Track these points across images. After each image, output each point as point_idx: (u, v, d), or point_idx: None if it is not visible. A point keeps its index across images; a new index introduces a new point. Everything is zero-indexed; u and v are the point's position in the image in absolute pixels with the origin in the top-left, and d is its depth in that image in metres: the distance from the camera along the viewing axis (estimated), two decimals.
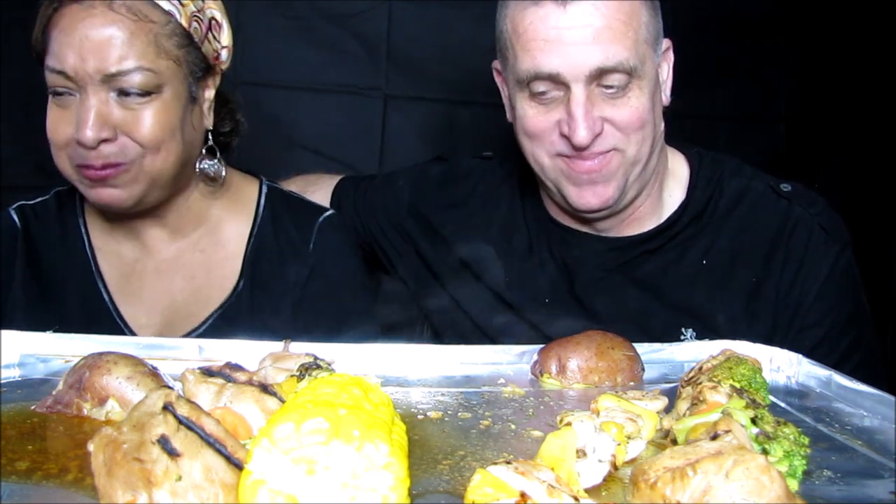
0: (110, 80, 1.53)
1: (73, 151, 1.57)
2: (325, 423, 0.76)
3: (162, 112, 1.58)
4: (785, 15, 3.25)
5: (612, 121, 1.62)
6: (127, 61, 1.52)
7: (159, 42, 1.57)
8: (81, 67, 1.51)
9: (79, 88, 1.54)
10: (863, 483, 0.93)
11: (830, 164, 3.19)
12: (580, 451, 0.90)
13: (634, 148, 1.66)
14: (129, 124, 1.55)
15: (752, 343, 1.43)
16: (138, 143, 1.57)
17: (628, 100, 1.62)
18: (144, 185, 1.62)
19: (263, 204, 1.85)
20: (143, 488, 0.72)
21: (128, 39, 1.53)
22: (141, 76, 1.54)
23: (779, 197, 1.79)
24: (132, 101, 1.55)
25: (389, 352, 1.41)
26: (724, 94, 3.21)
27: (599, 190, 1.68)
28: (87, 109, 1.52)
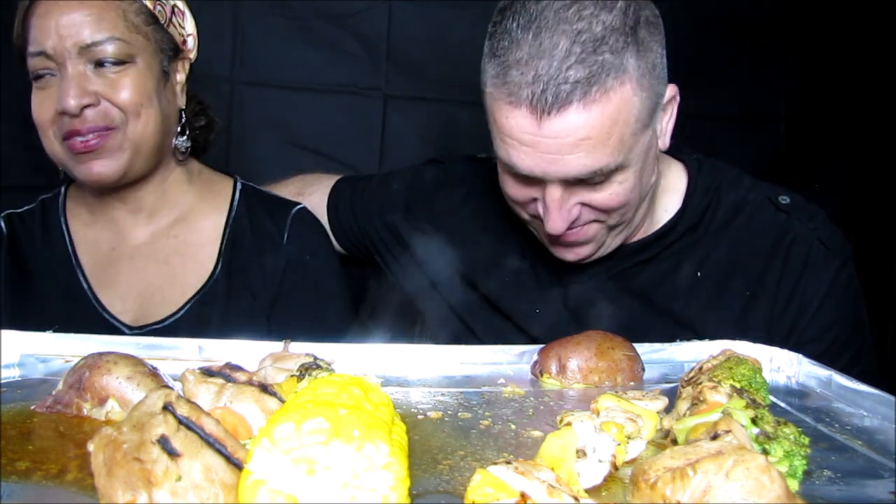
0: (87, 52, 1.64)
1: (58, 126, 1.66)
2: (325, 423, 0.76)
3: (137, 79, 1.69)
4: (785, 15, 3.25)
5: (590, 204, 1.55)
6: (99, 33, 1.64)
7: (128, 17, 1.69)
8: (59, 44, 1.62)
9: (58, 66, 1.64)
10: (863, 483, 0.93)
11: (830, 164, 3.19)
12: (580, 451, 0.90)
13: (615, 219, 1.62)
14: (108, 91, 1.66)
15: (752, 343, 1.43)
16: (118, 108, 1.67)
17: (610, 185, 1.53)
18: (129, 153, 1.70)
19: (238, 198, 1.92)
20: (143, 488, 0.72)
21: (99, 14, 1.65)
22: (114, 45, 1.65)
23: (777, 210, 1.75)
24: (108, 71, 1.66)
25: (389, 352, 1.41)
26: (724, 94, 3.20)
27: (577, 250, 1.66)
28: (67, 80, 1.63)
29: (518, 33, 1.45)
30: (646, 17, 1.51)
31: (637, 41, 1.46)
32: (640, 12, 1.50)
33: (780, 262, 1.71)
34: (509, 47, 1.46)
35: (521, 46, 1.44)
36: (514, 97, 1.45)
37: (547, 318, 1.80)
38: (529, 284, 1.85)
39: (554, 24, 1.43)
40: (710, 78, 3.17)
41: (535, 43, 1.43)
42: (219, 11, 2.67)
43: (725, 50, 3.20)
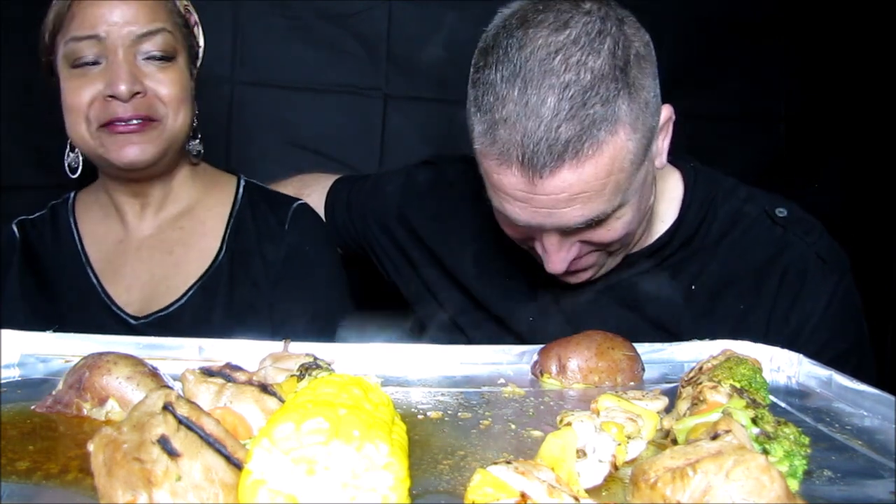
0: (139, 42, 1.70)
1: (99, 111, 1.70)
2: (325, 423, 0.76)
3: (179, 75, 1.77)
4: (785, 15, 3.25)
5: (590, 241, 1.54)
6: (155, 23, 1.71)
7: (173, 15, 1.78)
8: (114, 30, 1.68)
9: (107, 52, 1.68)
10: (863, 483, 0.93)
11: (830, 164, 3.19)
12: (580, 451, 0.90)
13: (616, 247, 1.62)
14: (154, 83, 1.72)
15: (752, 343, 1.43)
16: (162, 101, 1.73)
17: (608, 223, 1.52)
18: (164, 145, 1.76)
19: (241, 193, 1.97)
20: (143, 488, 0.72)
21: (155, 7, 1.73)
22: (164, 38, 1.73)
23: (773, 223, 1.73)
24: (155, 64, 1.72)
25: (389, 352, 1.41)
26: (724, 94, 3.20)
27: (578, 276, 1.67)
28: (119, 66, 1.67)
29: (503, 88, 1.40)
30: (636, 51, 1.45)
31: (628, 83, 1.41)
32: (629, 49, 1.44)
33: (777, 278, 1.68)
34: (494, 103, 1.41)
35: (507, 104, 1.39)
36: (504, 157, 1.41)
37: (541, 324, 1.79)
38: (524, 291, 1.84)
39: (539, 77, 1.37)
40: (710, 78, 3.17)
41: (522, 101, 1.38)
42: (219, 11, 2.67)
43: (725, 50, 3.20)
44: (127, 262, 1.87)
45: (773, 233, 1.72)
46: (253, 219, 1.92)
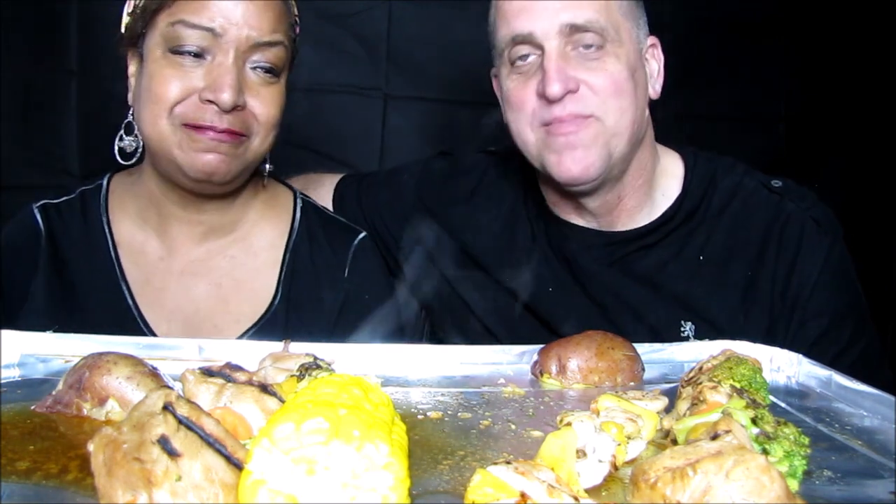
0: (254, 51, 1.57)
1: (190, 110, 1.55)
2: (325, 423, 0.76)
3: (281, 95, 1.65)
4: (785, 15, 3.25)
5: (587, 83, 1.67)
6: (276, 34, 1.59)
7: (290, 31, 1.67)
8: (233, 29, 1.54)
9: (216, 50, 1.54)
10: (863, 483, 0.93)
11: (830, 164, 3.20)
12: (580, 451, 0.90)
13: (613, 116, 1.69)
14: (255, 99, 1.59)
15: (752, 343, 1.43)
16: (257, 120, 1.60)
17: (604, 63, 1.68)
18: (243, 165, 1.63)
19: (299, 218, 1.82)
20: (143, 488, 0.72)
21: (279, 16, 1.61)
22: (278, 52, 1.60)
23: (770, 192, 1.83)
24: (260, 78, 1.60)
25: (389, 352, 1.41)
26: (724, 94, 3.21)
27: (579, 156, 1.69)
28: (228, 71, 1.54)
29: None
30: None
31: None
32: None
33: (775, 243, 1.77)
34: None
35: None
36: None
37: (560, 298, 1.85)
38: (541, 268, 1.89)
39: None
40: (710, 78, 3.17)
41: None
42: None
43: (725, 50, 3.20)
44: (168, 286, 1.69)
45: (771, 201, 1.81)
46: (311, 255, 1.77)
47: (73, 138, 2.84)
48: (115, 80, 2.90)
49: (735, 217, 1.81)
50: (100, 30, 2.89)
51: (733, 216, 1.81)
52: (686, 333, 1.77)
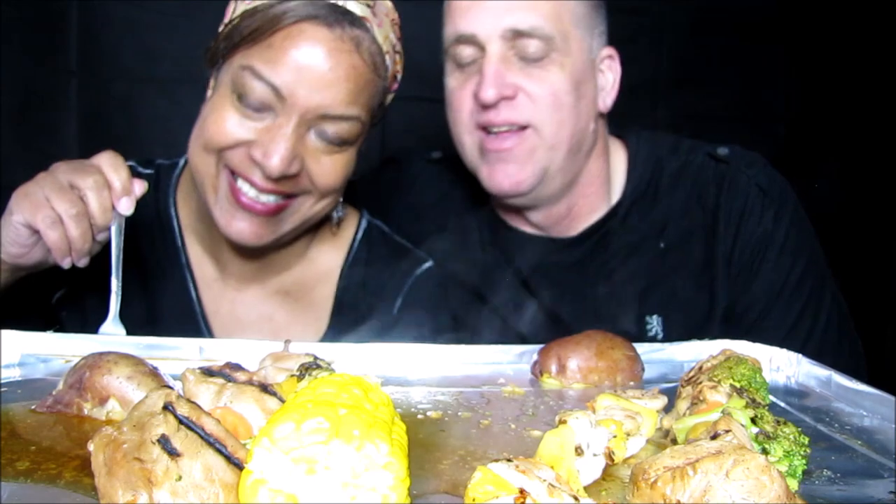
0: (322, 121, 1.43)
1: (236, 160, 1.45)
2: (325, 422, 0.76)
3: (348, 163, 1.52)
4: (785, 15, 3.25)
5: (525, 91, 1.62)
6: (352, 108, 1.43)
7: (375, 98, 1.51)
8: (302, 96, 1.39)
9: (280, 112, 1.41)
10: (863, 483, 0.93)
11: (830, 165, 3.20)
12: (578, 448, 0.90)
13: (550, 128, 1.64)
14: (315, 164, 1.46)
15: (751, 343, 1.43)
16: (313, 184, 1.48)
17: (546, 72, 1.62)
18: (288, 228, 1.53)
19: (360, 240, 1.73)
20: (143, 488, 0.72)
21: (362, 87, 1.43)
22: (353, 125, 1.45)
23: (717, 162, 1.80)
24: (324, 145, 1.46)
25: (389, 352, 1.41)
26: (724, 94, 3.21)
27: (511, 171, 1.65)
28: (284, 138, 1.40)
29: None
30: None
31: None
32: None
33: (724, 212, 1.75)
34: None
35: None
36: None
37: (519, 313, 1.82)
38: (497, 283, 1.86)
39: None
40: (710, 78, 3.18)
41: None
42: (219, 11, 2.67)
43: (725, 50, 3.21)
44: (219, 311, 1.64)
45: (718, 170, 1.79)
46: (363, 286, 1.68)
47: (72, 138, 2.85)
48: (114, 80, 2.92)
49: (688, 197, 1.78)
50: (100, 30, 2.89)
51: (685, 197, 1.78)
52: (654, 331, 1.74)
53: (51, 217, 1.29)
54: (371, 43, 1.46)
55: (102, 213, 1.33)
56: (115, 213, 1.36)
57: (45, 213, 1.29)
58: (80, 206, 1.31)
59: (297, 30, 1.39)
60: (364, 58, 1.44)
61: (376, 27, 1.48)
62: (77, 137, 2.84)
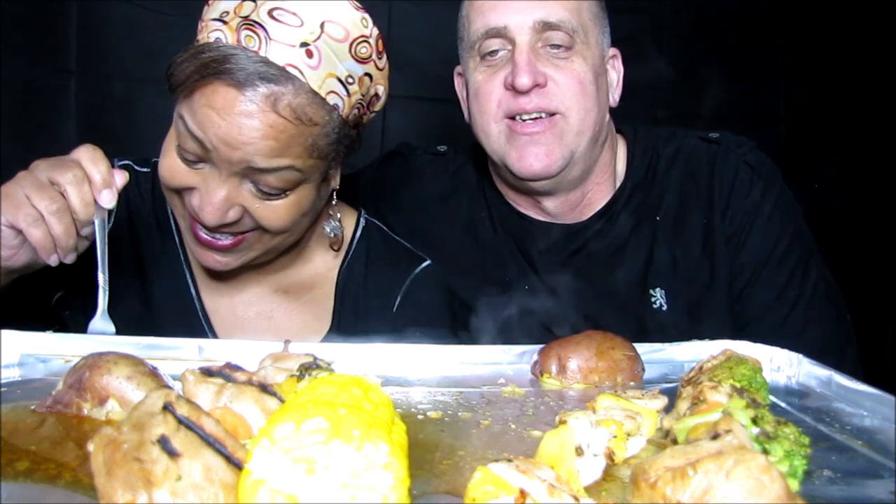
0: (251, 172, 1.40)
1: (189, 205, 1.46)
2: (325, 422, 0.76)
3: (295, 204, 1.48)
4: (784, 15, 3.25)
5: (554, 80, 1.72)
6: (282, 159, 1.39)
7: (315, 143, 1.43)
8: (225, 152, 1.37)
9: (211, 163, 1.41)
10: (863, 483, 0.93)
11: (830, 165, 3.20)
12: (578, 448, 0.90)
13: (577, 115, 1.74)
14: (258, 212, 1.44)
15: (752, 343, 1.43)
16: (262, 227, 1.48)
17: (571, 63, 1.73)
18: (257, 253, 1.54)
19: (358, 238, 1.74)
20: (142, 488, 0.72)
21: (288, 139, 1.38)
22: (286, 174, 1.41)
23: (709, 144, 1.90)
24: (262, 194, 1.44)
25: (389, 352, 1.41)
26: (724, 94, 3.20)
27: (542, 153, 1.73)
28: (214, 192, 1.40)
29: None
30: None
31: None
32: None
33: (716, 187, 1.83)
34: None
35: None
36: None
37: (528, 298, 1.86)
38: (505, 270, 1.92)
39: None
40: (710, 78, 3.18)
41: None
42: None
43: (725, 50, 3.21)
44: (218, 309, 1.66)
45: (710, 150, 1.90)
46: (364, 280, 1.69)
47: (72, 138, 2.85)
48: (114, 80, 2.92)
49: (682, 175, 1.87)
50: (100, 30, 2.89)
51: (681, 175, 1.87)
52: (658, 303, 1.80)
53: (32, 215, 1.28)
54: (295, 95, 1.37)
55: (84, 208, 1.31)
56: (98, 207, 1.35)
57: (27, 212, 1.28)
58: (60, 201, 1.29)
59: (210, 89, 1.36)
60: (283, 114, 1.36)
61: (309, 70, 1.38)
62: (76, 137, 2.84)
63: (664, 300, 1.80)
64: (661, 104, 3.20)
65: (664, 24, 3.20)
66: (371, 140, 2.98)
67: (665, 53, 3.17)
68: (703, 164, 1.87)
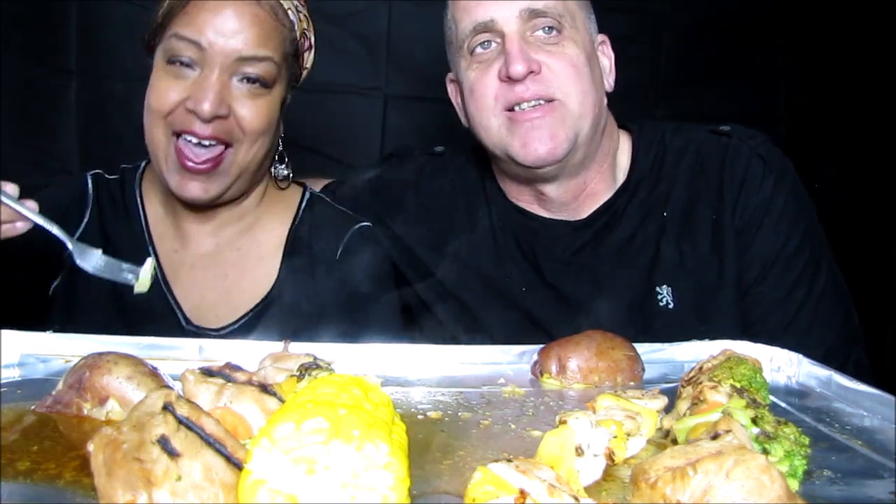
0: (240, 64, 1.63)
1: (178, 119, 1.63)
2: (325, 422, 0.76)
3: (270, 106, 1.70)
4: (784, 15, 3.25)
5: (548, 66, 1.71)
6: (263, 49, 1.65)
7: (284, 44, 1.72)
8: (218, 44, 1.61)
9: (204, 63, 1.62)
10: (863, 483, 0.93)
11: (830, 165, 3.20)
12: (578, 448, 0.90)
13: (576, 98, 1.73)
14: (241, 108, 1.65)
15: (752, 343, 1.43)
16: (242, 129, 1.66)
17: (563, 48, 1.73)
18: (231, 178, 1.70)
19: (304, 208, 1.89)
20: (142, 488, 0.72)
21: (268, 32, 1.66)
22: (267, 66, 1.66)
23: (720, 136, 1.87)
24: (250, 88, 1.66)
25: (389, 352, 1.41)
26: (724, 94, 3.21)
27: (545, 137, 1.71)
28: (210, 85, 1.61)
29: None
30: None
31: None
32: None
33: (727, 180, 1.80)
34: None
35: None
36: None
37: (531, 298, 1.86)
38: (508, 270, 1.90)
39: None
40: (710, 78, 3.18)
41: None
42: None
43: (725, 50, 3.21)
44: (179, 277, 1.79)
45: (720, 142, 1.86)
46: (309, 238, 1.84)
47: (72, 138, 2.85)
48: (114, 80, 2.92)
49: (691, 168, 1.85)
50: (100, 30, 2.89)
51: (689, 167, 1.85)
52: (664, 301, 1.78)
53: None
54: None
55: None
56: None
57: None
58: None
59: None
60: (264, 9, 1.67)
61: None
62: (76, 137, 2.84)
63: (671, 298, 1.77)
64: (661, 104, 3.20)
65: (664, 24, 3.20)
66: (371, 140, 2.99)
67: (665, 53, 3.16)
68: (714, 156, 1.84)
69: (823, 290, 1.76)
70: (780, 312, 1.74)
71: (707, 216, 1.80)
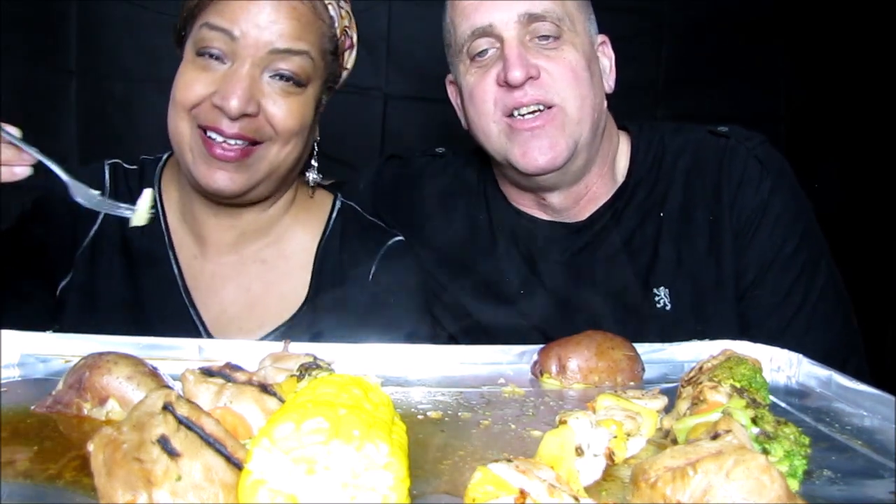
0: (273, 58, 1.54)
1: (203, 114, 1.54)
2: (325, 422, 0.76)
3: (304, 106, 1.61)
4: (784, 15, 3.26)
5: (547, 70, 1.70)
6: (299, 43, 1.55)
7: (322, 40, 1.63)
8: (252, 34, 1.52)
9: (234, 56, 1.53)
10: (863, 483, 0.93)
11: (830, 165, 3.20)
12: (578, 448, 0.90)
13: (574, 104, 1.72)
14: (272, 106, 1.56)
15: (752, 343, 1.43)
16: (273, 128, 1.57)
17: (562, 52, 1.71)
18: (259, 175, 1.61)
19: (334, 219, 1.82)
20: (142, 488, 0.72)
21: (306, 25, 1.57)
22: (303, 61, 1.56)
23: (718, 137, 1.86)
24: (282, 86, 1.57)
25: (389, 352, 1.41)
26: (724, 94, 3.21)
27: (545, 146, 1.71)
28: (239, 79, 1.52)
29: None
30: None
31: None
32: None
33: (725, 181, 1.80)
34: None
35: None
36: None
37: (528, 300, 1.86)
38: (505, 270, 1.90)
39: None
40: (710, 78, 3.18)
41: None
42: None
43: (725, 50, 3.21)
44: (199, 285, 1.70)
45: (718, 144, 1.85)
46: (340, 253, 1.75)
47: (72, 138, 2.85)
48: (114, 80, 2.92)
49: (689, 169, 1.84)
50: (100, 30, 2.90)
51: (687, 169, 1.84)
52: (662, 302, 1.78)
53: None
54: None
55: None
56: None
57: None
58: None
59: None
60: (303, 1, 1.58)
61: None
62: (77, 137, 2.85)
63: (668, 299, 1.77)
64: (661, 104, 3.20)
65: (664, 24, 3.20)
66: (371, 140, 2.99)
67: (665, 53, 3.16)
68: (711, 157, 1.83)
69: (821, 293, 1.75)
70: (777, 315, 1.73)
71: (704, 217, 1.79)
